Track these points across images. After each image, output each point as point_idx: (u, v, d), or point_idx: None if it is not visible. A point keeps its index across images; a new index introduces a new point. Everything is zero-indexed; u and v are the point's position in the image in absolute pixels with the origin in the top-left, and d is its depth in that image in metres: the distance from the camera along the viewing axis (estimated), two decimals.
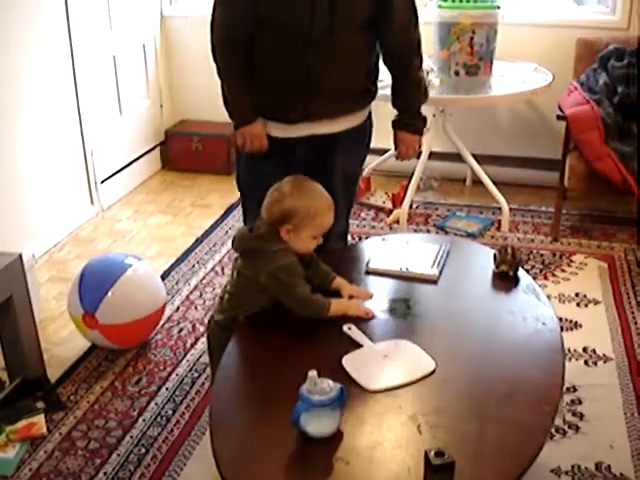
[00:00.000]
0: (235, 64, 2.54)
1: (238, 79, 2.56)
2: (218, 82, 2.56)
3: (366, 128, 2.73)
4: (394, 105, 2.72)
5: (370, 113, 2.73)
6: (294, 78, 2.48)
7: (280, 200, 2.13)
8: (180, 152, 4.93)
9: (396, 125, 2.73)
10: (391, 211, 4.19)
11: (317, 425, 1.67)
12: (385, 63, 2.65)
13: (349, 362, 1.93)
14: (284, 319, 2.12)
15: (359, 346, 2.01)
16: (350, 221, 2.95)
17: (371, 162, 4.53)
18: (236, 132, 2.64)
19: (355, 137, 2.68)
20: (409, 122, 2.71)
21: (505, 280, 2.37)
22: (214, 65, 2.58)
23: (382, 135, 2.83)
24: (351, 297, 2.24)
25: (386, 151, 4.48)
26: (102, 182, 4.36)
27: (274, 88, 2.54)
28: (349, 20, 2.43)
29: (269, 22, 2.45)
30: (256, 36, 2.48)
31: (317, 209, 2.13)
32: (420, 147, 2.79)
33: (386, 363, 1.95)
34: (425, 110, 2.70)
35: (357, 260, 2.53)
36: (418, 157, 2.82)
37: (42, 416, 2.65)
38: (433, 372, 1.90)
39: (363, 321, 2.13)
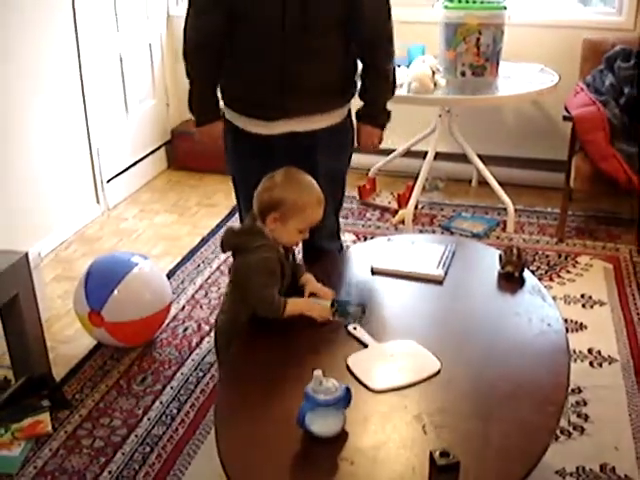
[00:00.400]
0: (204, 67, 2.59)
1: (205, 81, 2.62)
2: None
3: (346, 127, 2.73)
4: (360, 96, 2.72)
5: (350, 112, 2.74)
6: (270, 75, 2.50)
7: (271, 188, 2.16)
8: (186, 151, 4.92)
9: (359, 116, 2.74)
10: (396, 211, 4.19)
11: (322, 425, 1.68)
12: (357, 55, 2.65)
13: (354, 362, 1.94)
14: (289, 318, 2.12)
15: (364, 346, 2.02)
16: (356, 221, 2.95)
17: (377, 162, 4.54)
18: (195, 129, 2.71)
19: (336, 136, 2.68)
20: (371, 115, 2.72)
21: (510, 281, 2.37)
22: (184, 66, 2.62)
23: (387, 135, 2.82)
24: (313, 294, 2.25)
25: (391, 151, 4.49)
26: (108, 181, 4.37)
27: (252, 85, 2.56)
28: (321, 17, 2.44)
29: (244, 20, 2.47)
30: (233, 34, 2.50)
31: (306, 202, 2.15)
32: (381, 141, 2.78)
33: (391, 363, 1.95)
34: (431, 110, 2.70)
35: (362, 260, 2.53)
36: (373, 148, 2.82)
37: (47, 414, 2.66)
38: (438, 372, 1.91)
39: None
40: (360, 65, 2.69)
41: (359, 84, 2.71)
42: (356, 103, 2.72)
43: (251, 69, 2.54)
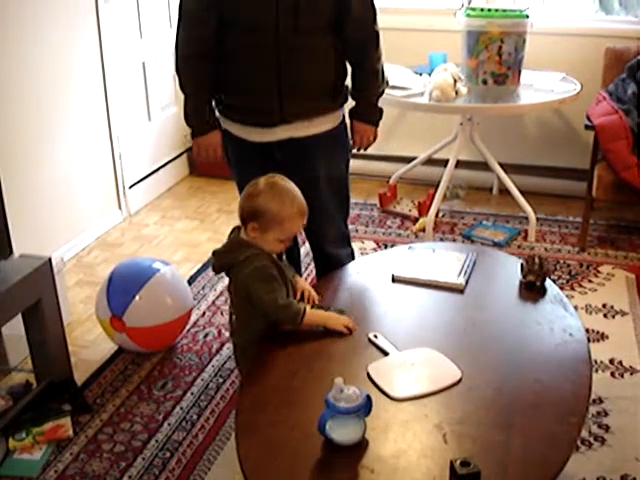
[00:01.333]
0: (196, 78, 2.61)
1: (198, 92, 2.64)
2: None
3: (341, 132, 2.74)
4: (351, 96, 2.74)
5: (344, 117, 2.76)
6: (266, 78, 2.51)
7: (253, 196, 2.14)
8: None
9: (352, 115, 2.76)
10: (417, 219, 4.19)
11: (343, 432, 1.68)
12: (346, 56, 2.65)
13: (375, 370, 1.94)
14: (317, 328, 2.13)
15: (385, 354, 2.02)
16: (377, 229, 2.94)
17: (397, 170, 4.54)
18: (192, 142, 2.73)
19: (333, 141, 2.70)
20: (364, 112, 2.74)
21: (532, 290, 2.36)
22: (177, 79, 2.65)
23: (408, 143, 2.83)
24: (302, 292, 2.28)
25: (412, 159, 4.49)
26: (130, 187, 4.40)
27: (248, 91, 2.57)
28: (313, 19, 2.47)
29: (237, 26, 2.49)
30: (225, 43, 2.52)
31: (285, 214, 2.13)
32: (375, 138, 2.80)
33: (412, 371, 1.95)
34: (452, 118, 2.70)
35: (383, 268, 2.53)
36: (365, 149, 2.85)
37: (68, 418, 2.67)
38: (459, 381, 1.90)
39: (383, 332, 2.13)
40: (350, 68, 2.71)
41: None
42: (348, 104, 2.76)
43: (246, 75, 2.55)
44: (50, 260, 2.68)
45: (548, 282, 2.40)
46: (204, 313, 3.38)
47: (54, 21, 3.63)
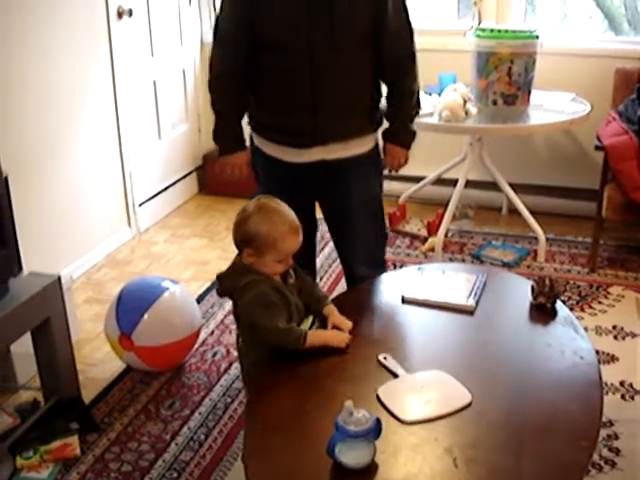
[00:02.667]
0: (229, 98, 2.63)
1: (228, 111, 2.65)
2: None
3: (375, 156, 2.72)
4: (385, 116, 2.71)
5: (377, 143, 2.73)
6: (301, 97, 2.50)
7: (243, 222, 2.12)
8: (217, 177, 4.95)
9: (385, 136, 2.74)
10: (426, 239, 4.18)
11: (352, 456, 1.67)
12: (381, 75, 2.63)
13: (385, 392, 1.92)
14: (320, 348, 2.12)
15: (395, 376, 2.01)
16: (385, 248, 2.92)
17: (407, 189, 4.54)
18: (220, 159, 2.75)
19: (368, 163, 2.68)
20: (396, 134, 2.71)
21: (542, 312, 2.35)
22: (209, 97, 2.66)
23: (417, 163, 2.83)
24: (334, 327, 2.20)
25: (422, 179, 4.49)
26: (140, 205, 4.41)
27: (282, 111, 2.57)
28: (348, 35, 2.44)
29: (270, 44, 2.48)
30: (258, 61, 2.52)
31: (277, 234, 2.10)
32: (406, 160, 2.77)
33: (422, 394, 1.94)
34: (462, 138, 2.69)
35: (393, 289, 2.52)
36: (397, 170, 2.82)
37: (76, 437, 2.66)
38: (469, 404, 1.89)
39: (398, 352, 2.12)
40: (385, 88, 2.69)
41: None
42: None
43: (280, 94, 2.54)
44: (60, 278, 2.68)
45: (559, 304, 2.38)
46: (213, 332, 3.37)
47: (67, 39, 3.66)
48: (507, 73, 3.87)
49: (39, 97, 3.52)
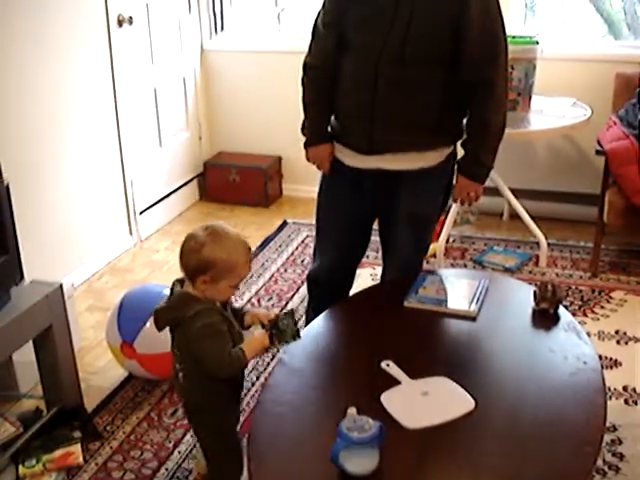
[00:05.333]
0: (313, 89, 2.65)
1: (313, 103, 2.68)
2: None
3: (441, 172, 2.62)
4: (461, 144, 2.61)
5: (450, 157, 2.63)
6: (361, 105, 2.50)
7: (197, 250, 2.05)
8: (218, 184, 4.96)
9: (458, 166, 2.65)
10: None
11: (356, 463, 1.66)
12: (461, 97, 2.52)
13: (388, 399, 1.92)
14: (323, 355, 2.12)
15: (397, 383, 2.00)
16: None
17: None
18: (305, 150, 2.75)
19: (427, 179, 2.59)
20: (466, 165, 2.61)
21: (545, 318, 2.35)
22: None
23: None
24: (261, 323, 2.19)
25: None
26: (141, 213, 4.41)
27: (346, 114, 2.60)
28: (421, 52, 2.38)
29: (349, 47, 2.51)
30: (340, 61, 2.55)
31: (235, 261, 2.06)
32: (477, 196, 2.65)
33: (425, 401, 1.93)
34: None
35: (395, 295, 2.51)
36: (470, 204, 2.73)
37: (79, 445, 2.66)
38: (472, 411, 1.89)
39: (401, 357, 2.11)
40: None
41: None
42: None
43: (346, 97, 2.56)
44: (61, 286, 2.68)
45: (561, 309, 2.38)
46: None
47: (67, 47, 3.66)
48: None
49: (40, 105, 3.52)
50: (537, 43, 3.89)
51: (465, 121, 2.59)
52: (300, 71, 2.69)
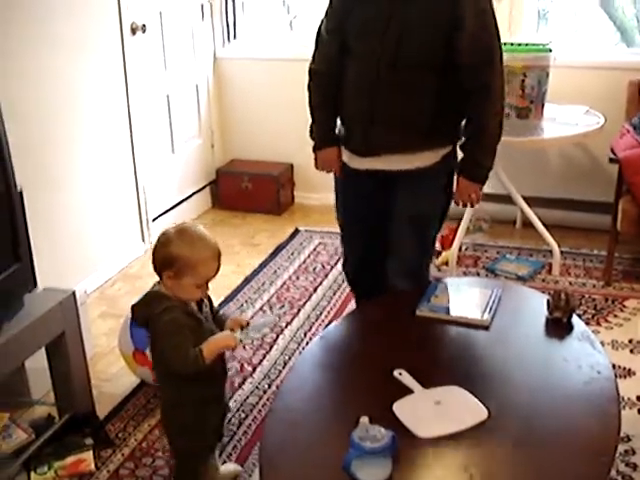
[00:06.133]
0: (318, 94, 2.73)
1: (319, 108, 2.75)
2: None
3: (438, 171, 2.65)
4: (460, 147, 2.67)
5: (447, 157, 2.66)
6: (359, 109, 2.59)
7: (164, 245, 2.11)
8: (230, 191, 4.97)
9: (458, 169, 2.68)
10: (440, 253, 4.16)
11: (368, 472, 1.66)
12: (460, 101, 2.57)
13: (400, 408, 1.92)
14: (335, 364, 2.11)
15: (410, 392, 1.99)
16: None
17: None
18: (314, 154, 2.83)
19: (423, 178, 2.63)
20: (466, 168, 2.65)
21: (558, 327, 2.34)
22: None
23: None
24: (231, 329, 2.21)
25: None
26: (154, 220, 4.42)
27: (347, 117, 2.68)
28: (413, 57, 2.45)
29: (350, 52, 2.58)
30: (343, 66, 2.61)
31: (198, 259, 2.09)
32: (477, 196, 2.69)
33: (438, 410, 1.93)
34: None
35: (407, 303, 2.51)
36: (472, 205, 2.76)
37: (90, 452, 2.66)
38: (486, 420, 1.88)
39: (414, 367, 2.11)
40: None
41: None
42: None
43: (347, 101, 2.64)
44: (74, 293, 2.69)
45: (575, 318, 2.37)
46: None
47: (81, 54, 3.68)
48: (520, 86, 3.86)
49: (54, 112, 3.54)
50: (550, 51, 3.88)
51: (463, 124, 2.65)
52: None
